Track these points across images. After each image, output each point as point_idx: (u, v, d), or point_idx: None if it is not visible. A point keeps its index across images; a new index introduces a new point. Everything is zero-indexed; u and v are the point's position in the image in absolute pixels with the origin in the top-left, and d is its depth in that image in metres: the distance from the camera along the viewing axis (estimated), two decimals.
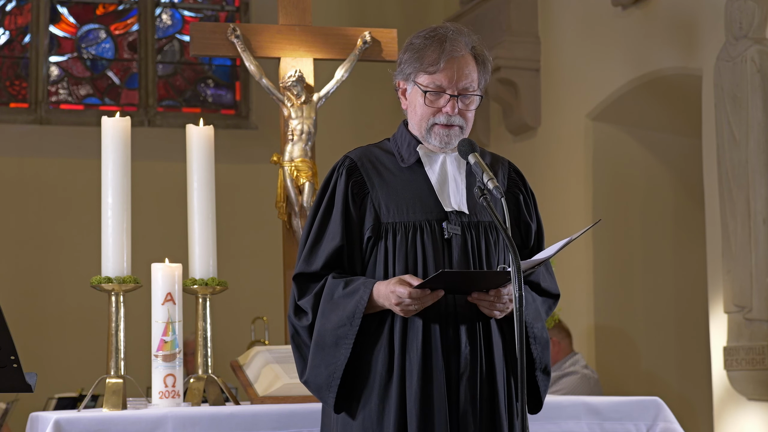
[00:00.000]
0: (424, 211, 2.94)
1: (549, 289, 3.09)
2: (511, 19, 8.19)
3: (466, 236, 2.94)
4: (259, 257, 8.27)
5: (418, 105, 2.98)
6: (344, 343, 2.83)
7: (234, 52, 4.41)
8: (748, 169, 6.04)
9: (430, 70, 2.94)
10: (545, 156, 8.02)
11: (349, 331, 2.82)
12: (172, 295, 3.63)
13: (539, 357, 2.97)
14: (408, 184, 2.97)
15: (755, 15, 6.09)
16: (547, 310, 3.10)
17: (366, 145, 3.09)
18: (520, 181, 3.12)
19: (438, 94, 2.95)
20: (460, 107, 2.95)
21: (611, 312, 7.68)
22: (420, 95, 2.97)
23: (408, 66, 2.99)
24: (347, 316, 2.84)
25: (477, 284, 2.85)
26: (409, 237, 2.92)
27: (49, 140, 8.94)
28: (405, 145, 3.03)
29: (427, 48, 2.96)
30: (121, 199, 3.73)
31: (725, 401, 6.39)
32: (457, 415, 2.85)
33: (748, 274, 6.02)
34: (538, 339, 2.97)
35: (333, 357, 2.84)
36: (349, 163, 3.00)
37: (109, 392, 3.59)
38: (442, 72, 2.93)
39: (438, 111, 2.95)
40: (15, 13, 9.24)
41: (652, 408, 3.82)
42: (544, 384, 3.00)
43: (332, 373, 2.84)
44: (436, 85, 2.95)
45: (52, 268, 8.57)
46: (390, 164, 3.01)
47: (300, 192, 4.34)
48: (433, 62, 2.94)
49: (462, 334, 2.88)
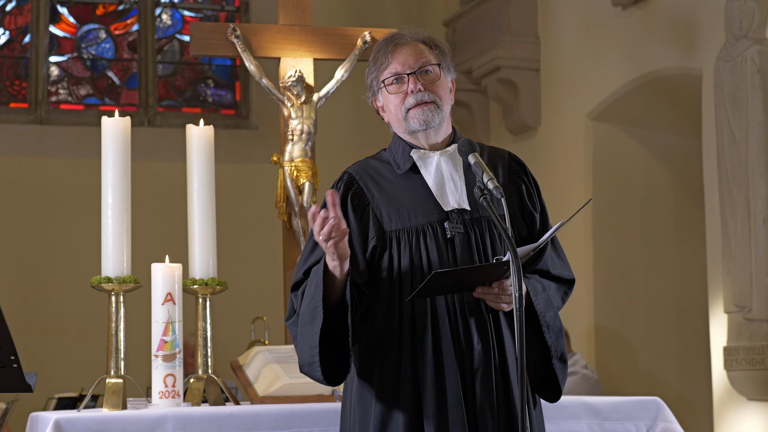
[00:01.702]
0: (425, 214, 2.95)
1: (561, 275, 3.09)
2: (511, 19, 8.19)
3: (470, 233, 2.95)
4: (259, 257, 8.27)
5: (390, 102, 3.04)
6: (317, 313, 2.84)
7: (234, 52, 4.41)
8: (748, 169, 6.04)
9: (383, 66, 3.03)
10: (545, 156, 8.02)
11: (317, 300, 2.83)
12: (172, 295, 3.62)
13: (554, 345, 2.95)
14: (406, 190, 2.99)
15: (755, 15, 6.09)
16: (562, 296, 3.09)
17: (363, 159, 3.13)
18: (522, 170, 3.12)
19: (398, 81, 3.01)
20: (423, 83, 3.00)
21: (611, 312, 7.68)
22: (387, 93, 3.03)
23: (371, 80, 3.08)
24: (314, 286, 2.86)
25: (477, 279, 2.85)
26: (413, 242, 2.93)
27: (49, 140, 8.94)
28: (399, 152, 3.05)
29: (377, 55, 3.06)
30: (121, 199, 3.73)
31: (725, 401, 6.39)
32: (475, 412, 2.85)
33: (748, 274, 6.03)
34: (551, 327, 2.96)
35: (311, 329, 2.86)
36: (347, 177, 3.04)
37: (109, 392, 3.59)
38: (392, 62, 3.01)
39: (405, 95, 3.00)
40: (15, 13, 9.25)
41: (652, 408, 3.82)
42: (561, 372, 2.98)
43: (312, 346, 2.86)
44: (393, 73, 3.01)
45: (52, 268, 8.57)
46: (387, 173, 3.04)
47: (300, 192, 4.34)
48: (383, 60, 3.03)
49: (473, 331, 2.88)
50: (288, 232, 4.37)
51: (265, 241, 7.69)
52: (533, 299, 2.93)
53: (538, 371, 2.98)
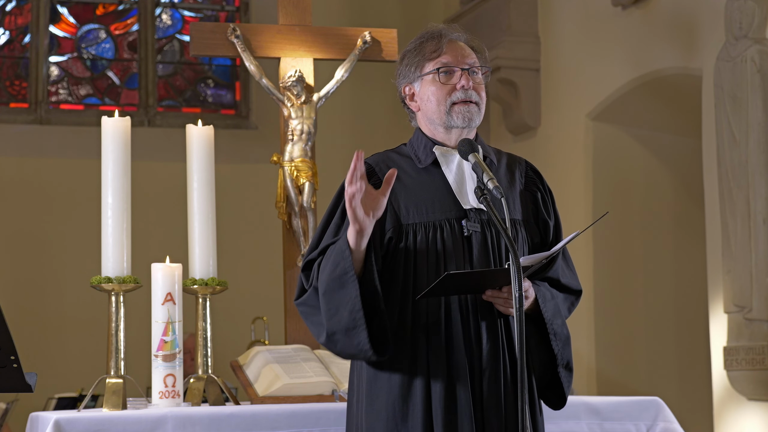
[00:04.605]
0: (443, 210, 2.95)
1: (570, 285, 3.09)
2: (511, 19, 8.19)
3: (486, 233, 2.95)
4: (259, 257, 8.27)
5: (432, 92, 3.00)
6: (348, 279, 2.79)
7: (234, 52, 4.41)
8: (748, 169, 6.04)
9: (434, 55, 3.00)
10: (545, 156, 8.02)
11: (346, 266, 2.79)
12: (172, 295, 3.62)
13: (560, 353, 2.96)
14: (426, 184, 2.98)
15: (755, 15, 6.09)
16: (569, 307, 3.10)
17: (383, 151, 3.11)
18: (538, 180, 3.15)
19: (449, 73, 2.99)
20: (473, 83, 2.99)
21: (611, 312, 7.68)
22: (431, 82, 3.00)
23: (410, 67, 3.04)
24: (337, 254, 2.83)
25: (488, 282, 2.86)
26: (429, 236, 2.93)
27: (49, 140, 8.94)
28: (421, 147, 3.04)
29: (424, 43, 3.02)
30: (121, 199, 3.73)
31: (725, 401, 6.39)
32: (482, 413, 2.86)
33: (748, 274, 6.03)
34: (558, 335, 2.97)
35: (345, 296, 2.80)
36: (367, 167, 2.99)
37: (109, 392, 3.59)
38: (446, 53, 2.99)
39: (453, 89, 2.99)
40: (15, 13, 9.25)
41: (652, 408, 3.82)
42: (567, 380, 2.99)
43: (352, 308, 2.79)
44: (444, 64, 2.99)
45: (52, 268, 8.57)
46: (407, 167, 3.03)
47: (300, 192, 4.34)
48: (435, 49, 3.00)
49: (483, 331, 2.89)
50: (288, 232, 4.37)
51: (265, 241, 7.68)
52: (542, 306, 2.94)
53: (543, 378, 2.99)
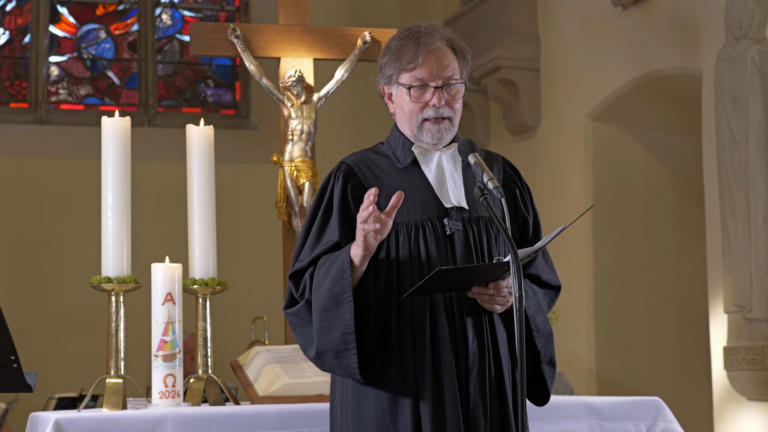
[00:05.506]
0: (425, 209, 2.95)
1: (549, 281, 3.10)
2: (511, 19, 8.19)
3: (468, 231, 2.95)
4: (259, 257, 8.27)
5: (405, 104, 3.00)
6: (344, 299, 2.81)
7: (234, 52, 4.41)
8: (748, 169, 6.04)
9: (410, 67, 2.98)
10: (545, 156, 8.02)
11: (344, 285, 2.80)
12: (172, 295, 3.62)
13: (543, 349, 2.97)
14: (406, 184, 2.97)
15: (755, 15, 6.09)
16: (549, 303, 3.11)
17: (360, 151, 3.11)
18: (516, 176, 3.13)
19: (422, 89, 2.98)
20: (446, 98, 2.98)
21: (611, 312, 7.68)
22: (405, 94, 2.99)
23: (388, 69, 3.03)
24: (337, 271, 2.83)
25: (476, 278, 2.86)
26: (411, 236, 2.93)
27: (49, 140, 8.95)
28: (399, 146, 3.04)
29: (403, 47, 3.00)
30: (121, 199, 3.73)
31: (725, 401, 6.39)
32: (468, 410, 2.86)
33: (748, 274, 6.03)
34: (541, 331, 2.98)
35: (339, 316, 2.81)
36: (346, 168, 3.01)
37: (109, 392, 3.59)
38: (421, 66, 2.97)
39: (425, 106, 2.98)
40: (15, 13, 9.25)
41: (652, 408, 3.82)
42: (550, 376, 3.00)
43: (344, 331, 2.81)
44: (418, 79, 2.98)
45: (52, 268, 8.57)
46: (386, 167, 3.03)
47: (300, 192, 4.34)
48: (411, 59, 2.98)
49: (469, 329, 2.89)
50: (288, 232, 4.36)
51: (265, 241, 7.68)
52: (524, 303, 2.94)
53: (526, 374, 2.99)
